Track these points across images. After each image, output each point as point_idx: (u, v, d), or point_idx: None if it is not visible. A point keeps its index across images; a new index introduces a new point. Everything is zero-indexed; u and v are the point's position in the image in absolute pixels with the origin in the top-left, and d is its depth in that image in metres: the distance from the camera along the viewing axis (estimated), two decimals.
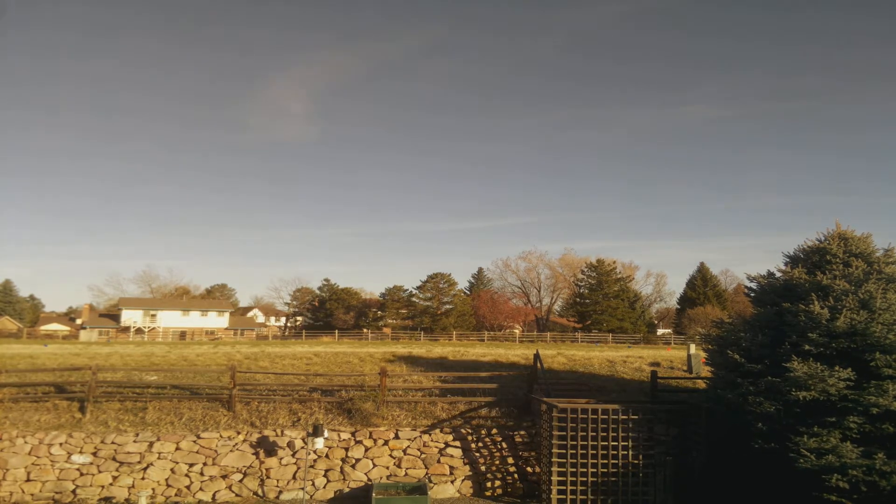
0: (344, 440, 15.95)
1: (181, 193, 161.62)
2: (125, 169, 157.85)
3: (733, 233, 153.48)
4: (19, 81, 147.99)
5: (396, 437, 16.15)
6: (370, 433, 16.11)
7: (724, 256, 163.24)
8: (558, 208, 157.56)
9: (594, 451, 14.27)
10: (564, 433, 14.31)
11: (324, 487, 15.43)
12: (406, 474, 15.74)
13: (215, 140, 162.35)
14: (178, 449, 15.42)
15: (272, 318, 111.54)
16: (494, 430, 16.48)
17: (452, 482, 15.84)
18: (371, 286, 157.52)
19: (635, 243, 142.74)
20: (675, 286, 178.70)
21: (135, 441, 15.37)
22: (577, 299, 76.75)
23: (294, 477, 15.43)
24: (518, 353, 27.80)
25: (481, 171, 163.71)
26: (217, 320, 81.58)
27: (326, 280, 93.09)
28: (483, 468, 16.02)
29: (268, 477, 15.37)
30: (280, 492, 15.27)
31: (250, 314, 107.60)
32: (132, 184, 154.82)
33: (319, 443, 14.94)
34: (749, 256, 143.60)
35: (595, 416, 14.39)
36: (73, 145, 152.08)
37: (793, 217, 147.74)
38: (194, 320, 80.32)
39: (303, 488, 15.23)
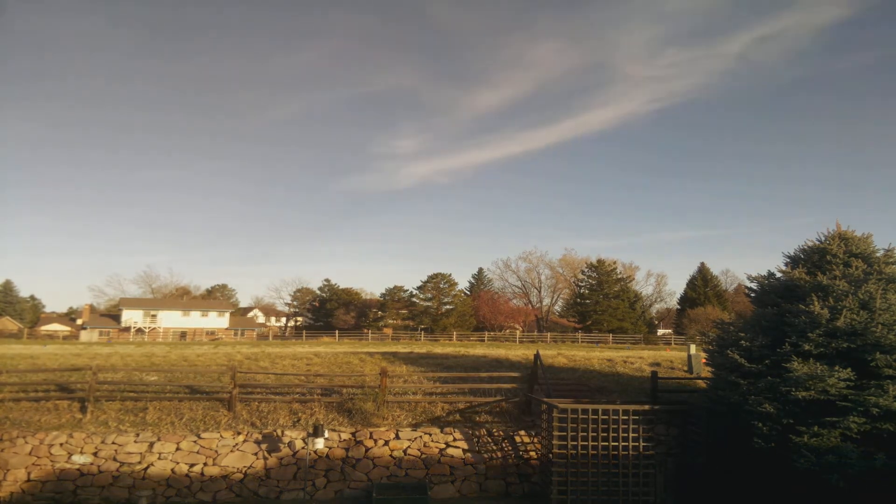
0: (344, 440, 15.96)
1: (181, 192, 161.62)
2: (126, 168, 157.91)
3: (734, 232, 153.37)
4: (19, 77, 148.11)
5: (397, 437, 16.15)
6: (371, 433, 16.12)
7: (724, 256, 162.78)
8: (559, 207, 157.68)
9: (595, 452, 14.29)
10: (565, 433, 14.33)
11: (324, 488, 15.43)
12: (406, 475, 15.75)
13: (216, 139, 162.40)
14: (178, 449, 15.43)
15: (272, 319, 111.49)
16: (495, 431, 16.49)
17: (453, 482, 15.84)
18: (371, 286, 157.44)
19: (636, 243, 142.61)
20: (676, 286, 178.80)
21: (135, 441, 15.39)
22: (578, 299, 76.74)
23: (294, 477, 15.44)
24: (518, 354, 27.83)
25: (481, 171, 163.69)
26: (217, 321, 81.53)
27: (327, 280, 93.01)
28: (484, 468, 16.01)
29: (268, 477, 15.38)
30: (280, 492, 15.27)
31: (251, 314, 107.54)
32: (132, 183, 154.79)
33: (320, 443, 14.98)
34: (749, 257, 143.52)
35: (595, 417, 14.42)
36: (73, 143, 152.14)
37: (793, 217, 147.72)
38: (195, 321, 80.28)
39: (303, 488, 15.24)
